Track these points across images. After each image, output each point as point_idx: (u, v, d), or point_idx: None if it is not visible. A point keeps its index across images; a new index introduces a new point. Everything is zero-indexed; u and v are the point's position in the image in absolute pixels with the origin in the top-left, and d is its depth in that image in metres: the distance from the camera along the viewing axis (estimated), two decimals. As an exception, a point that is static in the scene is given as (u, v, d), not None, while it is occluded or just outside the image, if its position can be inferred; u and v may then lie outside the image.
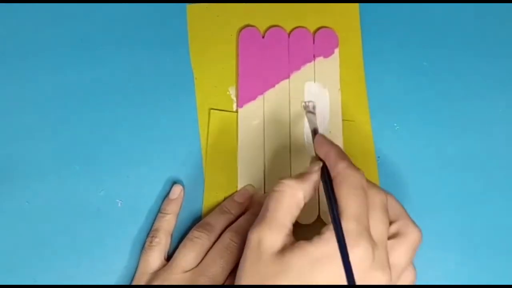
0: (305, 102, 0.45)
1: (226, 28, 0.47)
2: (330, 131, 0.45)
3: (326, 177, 0.35)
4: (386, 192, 0.35)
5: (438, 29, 0.48)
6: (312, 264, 0.32)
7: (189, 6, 0.47)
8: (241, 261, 0.35)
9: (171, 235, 0.42)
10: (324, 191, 0.35)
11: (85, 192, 0.43)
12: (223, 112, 0.45)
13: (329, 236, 0.32)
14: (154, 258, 0.41)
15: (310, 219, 0.43)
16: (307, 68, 0.46)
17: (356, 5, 0.48)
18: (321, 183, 0.36)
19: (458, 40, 0.48)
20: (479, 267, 0.44)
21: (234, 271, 0.39)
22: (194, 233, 0.40)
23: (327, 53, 0.46)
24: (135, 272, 0.41)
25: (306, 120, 0.44)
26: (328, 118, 0.45)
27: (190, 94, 0.45)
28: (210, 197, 0.44)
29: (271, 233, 0.33)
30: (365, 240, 0.31)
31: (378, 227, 0.33)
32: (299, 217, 0.42)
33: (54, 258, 0.42)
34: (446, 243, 0.44)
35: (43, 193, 0.43)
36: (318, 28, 0.47)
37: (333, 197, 0.34)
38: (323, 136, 0.38)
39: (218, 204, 0.43)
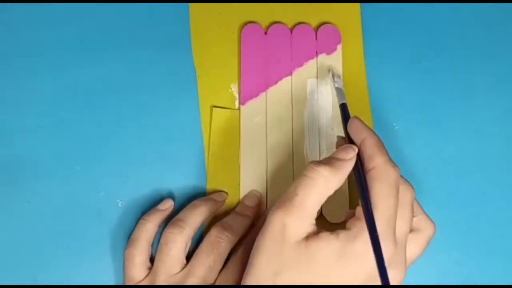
0: (332, 71, 0.45)
1: (228, 25, 0.47)
2: (332, 128, 0.45)
3: (360, 168, 0.34)
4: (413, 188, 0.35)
5: (438, 29, 0.48)
6: (336, 259, 0.32)
7: (191, 5, 0.47)
8: (258, 243, 0.34)
9: (151, 243, 0.41)
10: (357, 183, 0.34)
11: (85, 192, 0.43)
12: (225, 109, 0.45)
13: (356, 233, 0.32)
14: (137, 272, 0.40)
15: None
16: (310, 65, 0.46)
17: (357, 5, 0.48)
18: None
19: (458, 40, 0.48)
20: (479, 267, 0.44)
21: (223, 269, 0.40)
22: (214, 237, 0.40)
23: (330, 50, 0.46)
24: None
25: (308, 106, 0.45)
26: (330, 115, 0.45)
27: (192, 92, 0.45)
28: (212, 195, 0.44)
29: (298, 221, 0.33)
30: (391, 241, 0.32)
31: (403, 227, 0.33)
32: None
33: (54, 258, 0.42)
34: (446, 243, 0.44)
35: (43, 193, 0.43)
36: (321, 25, 0.47)
37: (367, 191, 0.33)
38: (360, 120, 0.37)
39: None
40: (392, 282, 0.31)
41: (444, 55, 0.48)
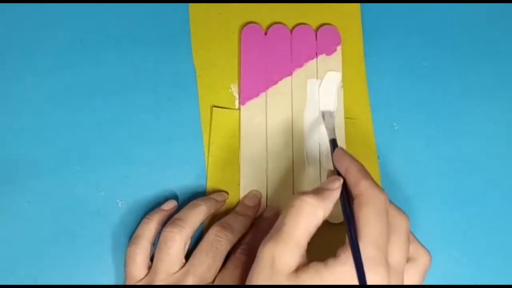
0: (323, 111, 0.45)
1: (228, 25, 0.47)
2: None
3: (345, 196, 0.34)
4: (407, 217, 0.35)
5: (438, 29, 0.48)
6: (324, 284, 0.31)
7: (191, 5, 0.47)
8: (250, 275, 0.33)
9: (153, 242, 0.41)
10: (342, 211, 0.34)
11: (85, 192, 0.43)
12: (225, 109, 0.45)
13: (345, 259, 0.31)
14: (138, 269, 0.40)
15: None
16: (310, 65, 0.46)
17: (358, 5, 0.48)
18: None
19: (458, 40, 0.48)
20: (479, 267, 0.44)
21: (222, 268, 0.39)
22: (213, 236, 0.40)
23: (330, 51, 0.46)
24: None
25: (308, 107, 0.45)
26: (330, 116, 0.45)
27: (192, 92, 0.45)
28: (212, 195, 0.43)
29: (287, 252, 0.32)
30: (383, 268, 0.31)
31: (398, 256, 0.32)
32: None
33: (54, 258, 0.42)
34: (446, 243, 0.44)
35: (43, 193, 0.43)
36: (320, 25, 0.47)
37: (352, 219, 0.32)
38: (343, 150, 0.37)
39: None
40: None
41: (444, 55, 0.48)
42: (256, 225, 0.42)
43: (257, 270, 0.33)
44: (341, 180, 0.35)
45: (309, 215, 0.33)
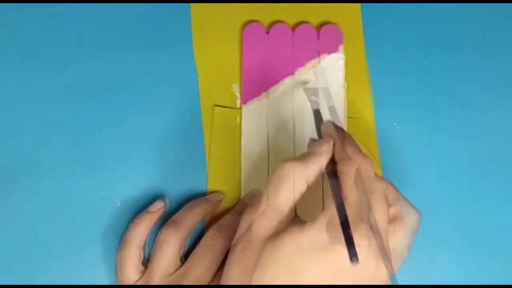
0: (306, 89, 0.45)
1: (230, 25, 0.47)
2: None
3: (332, 168, 0.34)
4: (386, 180, 0.36)
5: (438, 29, 0.48)
6: (299, 251, 0.32)
7: (193, 5, 0.47)
8: (233, 241, 0.34)
9: (143, 246, 0.41)
10: (327, 173, 0.34)
11: (85, 192, 0.43)
12: (227, 108, 0.45)
13: (321, 223, 0.32)
14: (129, 274, 0.40)
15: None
16: (312, 64, 0.46)
17: (358, 5, 0.48)
18: None
19: (458, 40, 0.48)
20: (479, 267, 0.45)
21: (220, 269, 0.39)
22: (211, 237, 0.40)
23: (332, 50, 0.46)
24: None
25: (309, 106, 0.44)
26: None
27: (193, 91, 0.45)
28: (214, 194, 0.43)
29: (263, 218, 0.33)
30: (362, 227, 0.31)
31: (377, 216, 0.33)
32: (302, 213, 0.42)
33: (54, 258, 0.42)
34: (446, 243, 0.45)
35: (43, 193, 0.43)
36: (323, 24, 0.47)
37: (337, 182, 0.33)
38: (331, 122, 0.37)
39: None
40: (372, 270, 0.32)
41: (445, 54, 0.48)
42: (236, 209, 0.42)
43: (237, 236, 0.34)
44: (330, 143, 0.35)
45: (290, 183, 0.33)
